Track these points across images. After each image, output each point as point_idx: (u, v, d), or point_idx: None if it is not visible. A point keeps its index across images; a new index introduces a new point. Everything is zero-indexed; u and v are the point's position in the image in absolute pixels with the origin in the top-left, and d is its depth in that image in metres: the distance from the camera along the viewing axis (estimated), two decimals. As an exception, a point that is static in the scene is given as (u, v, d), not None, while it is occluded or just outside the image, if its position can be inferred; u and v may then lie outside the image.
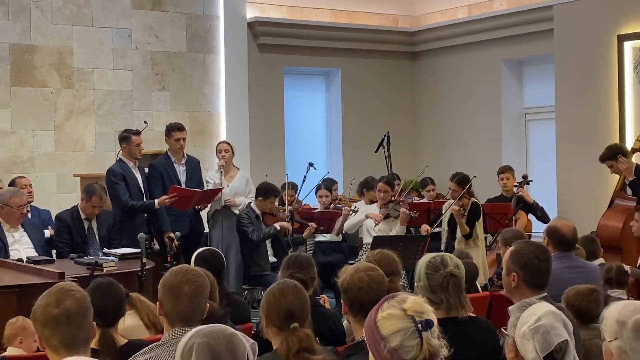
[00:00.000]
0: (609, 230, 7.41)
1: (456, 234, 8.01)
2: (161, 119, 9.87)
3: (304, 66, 11.90)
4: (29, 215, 7.74)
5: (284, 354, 3.19)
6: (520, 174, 9.16)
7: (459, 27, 11.72)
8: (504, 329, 3.06)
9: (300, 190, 9.03)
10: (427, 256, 3.79)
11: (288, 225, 8.21)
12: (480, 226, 7.99)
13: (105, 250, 7.17)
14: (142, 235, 6.11)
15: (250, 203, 8.39)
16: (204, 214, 8.57)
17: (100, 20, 10.16)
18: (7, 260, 6.66)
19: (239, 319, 4.73)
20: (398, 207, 8.20)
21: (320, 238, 8.87)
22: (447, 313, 3.61)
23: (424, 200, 9.53)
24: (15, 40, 9.68)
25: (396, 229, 8.14)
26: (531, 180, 9.09)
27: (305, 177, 8.95)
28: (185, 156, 8.27)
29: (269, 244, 8.43)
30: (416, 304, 2.43)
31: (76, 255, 6.86)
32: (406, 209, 8.14)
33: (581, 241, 5.79)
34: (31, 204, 8.13)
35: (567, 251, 5.14)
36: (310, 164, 9.00)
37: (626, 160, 7.57)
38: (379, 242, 7.05)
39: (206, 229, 8.64)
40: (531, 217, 9.07)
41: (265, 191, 8.35)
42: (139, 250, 6.11)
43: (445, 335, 2.44)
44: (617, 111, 9.40)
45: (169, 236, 7.59)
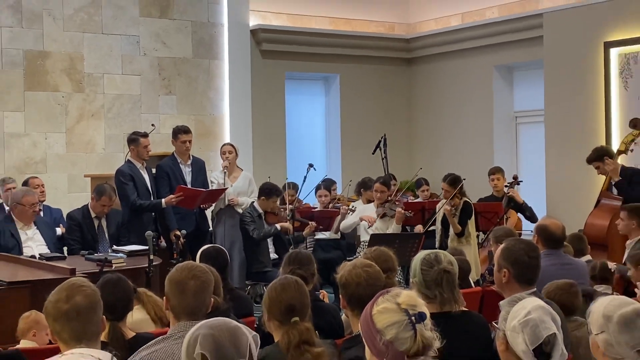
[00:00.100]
0: (595, 229, 7.41)
1: (449, 232, 8.01)
2: (168, 122, 9.87)
3: (305, 72, 11.90)
4: (41, 213, 7.74)
5: (285, 346, 3.19)
6: (511, 175, 9.15)
7: (453, 35, 11.72)
8: (495, 322, 3.06)
9: (300, 190, 9.04)
10: (422, 253, 3.79)
11: (289, 225, 8.20)
12: (472, 224, 7.98)
13: (115, 247, 7.17)
14: (150, 233, 6.11)
15: (253, 202, 8.39)
16: (208, 213, 8.57)
17: (110, 28, 10.16)
18: (21, 256, 6.67)
19: (242, 313, 4.72)
20: (394, 207, 8.19)
21: (319, 236, 8.87)
22: (441, 307, 3.61)
23: (419, 200, 9.53)
24: (28, 46, 9.68)
25: (392, 228, 8.14)
26: (521, 181, 9.09)
27: (305, 178, 8.94)
28: (191, 157, 8.26)
29: (271, 242, 8.42)
30: (410, 298, 2.43)
31: (86, 252, 6.86)
32: (401, 209, 8.13)
33: (569, 239, 5.79)
34: (43, 203, 8.13)
35: (556, 248, 5.14)
36: (310, 165, 9.00)
37: (612, 162, 7.57)
38: (376, 240, 7.05)
39: (211, 227, 8.64)
40: (521, 216, 9.07)
41: (267, 191, 8.34)
42: (146, 247, 6.11)
43: (438, 329, 2.44)
44: (604, 115, 9.40)
45: (175, 234, 7.61)
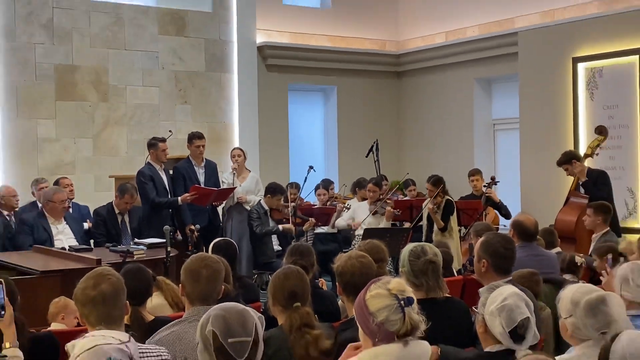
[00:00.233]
0: (565, 224, 7.41)
1: (434, 227, 8.01)
2: (183, 129, 9.86)
3: (305, 84, 11.89)
4: (70, 210, 7.75)
5: (287, 328, 3.20)
6: (489, 176, 9.15)
7: (437, 51, 11.73)
8: (475, 307, 3.06)
9: (301, 190, 9.04)
10: (410, 245, 3.80)
11: (291, 227, 8.20)
12: (454, 220, 7.98)
13: (136, 240, 7.17)
14: (167, 227, 6.10)
15: (260, 200, 8.40)
16: (219, 210, 8.57)
17: (132, 45, 10.16)
18: (52, 248, 6.67)
19: (250, 298, 4.72)
20: (384, 205, 8.22)
21: (318, 230, 8.88)
22: (427, 294, 3.62)
23: (407, 198, 9.54)
24: (59, 61, 9.68)
25: (383, 223, 8.15)
26: (498, 181, 9.09)
27: (306, 178, 8.94)
28: (204, 160, 8.27)
29: (275, 236, 8.44)
30: (399, 285, 2.43)
31: (111, 244, 6.86)
32: (391, 207, 8.15)
33: (541, 233, 5.79)
34: (72, 201, 8.13)
35: (530, 241, 5.13)
36: (311, 167, 8.99)
37: (579, 164, 7.58)
38: (369, 234, 7.06)
39: (221, 222, 8.64)
40: (498, 213, 9.07)
41: (272, 190, 8.36)
42: (164, 240, 6.11)
43: (424, 313, 2.44)
44: (572, 122, 9.41)
45: (190, 228, 7.60)
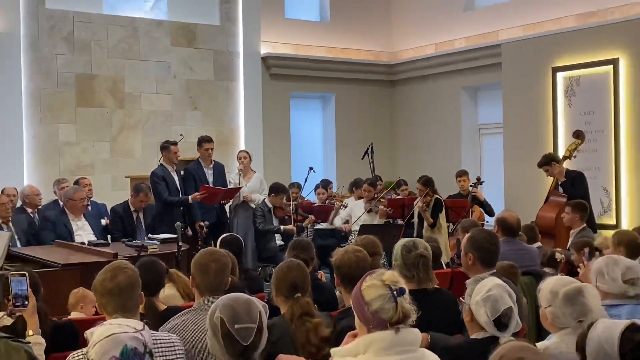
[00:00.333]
0: (545, 220, 7.40)
1: (424, 223, 8.02)
2: (194, 133, 9.85)
3: (306, 91, 11.90)
4: (89, 208, 7.74)
5: (289, 317, 3.20)
6: (475, 177, 9.16)
7: (428, 61, 11.73)
8: (462, 298, 3.06)
9: (302, 189, 9.04)
10: (402, 241, 3.80)
11: (292, 228, 8.19)
12: (443, 217, 7.98)
13: (150, 235, 7.16)
14: (179, 223, 6.09)
15: (264, 199, 8.40)
16: (227, 207, 8.57)
17: (146, 55, 10.17)
18: (72, 243, 6.67)
19: (254, 289, 4.73)
20: (378, 204, 8.23)
21: (318, 226, 8.88)
22: (418, 285, 3.62)
23: (400, 197, 9.53)
24: (79, 70, 9.69)
25: (377, 220, 8.17)
26: (483, 182, 9.09)
27: (306, 179, 8.94)
28: (212, 162, 8.26)
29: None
30: (392, 276, 2.43)
31: (127, 239, 6.85)
32: (383, 206, 8.17)
33: (523, 229, 5.78)
34: (91, 199, 8.12)
35: (512, 237, 5.13)
36: (311, 168, 8.99)
37: (558, 166, 7.59)
38: (365, 230, 7.06)
39: (228, 219, 8.64)
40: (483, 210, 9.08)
41: (276, 189, 8.35)
42: (176, 235, 6.09)
43: (416, 303, 2.44)
44: (552, 127, 9.41)
45: (200, 224, 7.60)
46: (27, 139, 9.36)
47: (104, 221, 7.88)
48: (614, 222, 8.69)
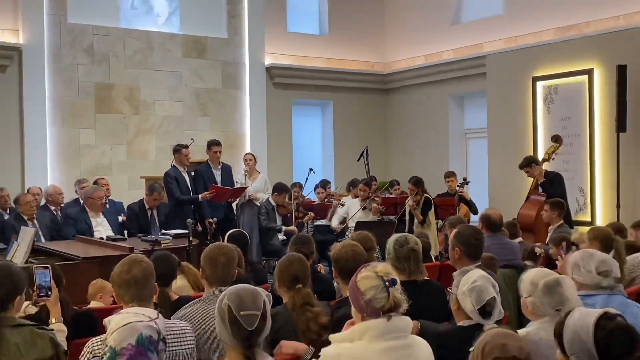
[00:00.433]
0: (526, 217, 7.40)
1: (415, 220, 8.01)
2: (203, 137, 9.86)
3: (307, 99, 11.89)
4: (107, 205, 7.74)
5: (291, 306, 3.20)
6: (461, 177, 9.16)
7: (418, 71, 11.73)
8: (449, 288, 3.07)
9: (303, 188, 9.04)
10: (395, 236, 3.79)
11: (294, 229, 8.18)
12: (432, 214, 7.96)
13: (163, 231, 7.17)
14: (190, 220, 6.08)
15: (268, 197, 8.40)
16: (234, 205, 8.57)
17: (160, 66, 10.17)
18: (92, 238, 6.68)
19: (259, 280, 4.72)
20: (372, 202, 8.24)
21: (318, 223, 8.88)
22: (409, 277, 3.61)
23: (393, 196, 9.54)
24: (98, 80, 9.69)
25: (370, 217, 8.17)
26: (469, 182, 9.09)
27: (307, 179, 8.95)
28: (220, 163, 8.26)
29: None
30: (385, 268, 2.44)
31: (142, 235, 6.86)
32: (377, 205, 8.17)
33: (506, 225, 5.78)
34: (109, 198, 8.12)
35: (496, 232, 5.13)
36: (311, 169, 9.00)
37: (538, 167, 7.58)
38: (360, 226, 7.06)
39: (235, 216, 8.64)
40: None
41: (279, 189, 8.36)
42: (187, 231, 6.10)
43: (407, 293, 2.44)
44: (532, 131, 9.42)
45: (209, 221, 7.62)
46: (51, 143, 9.36)
47: (121, 218, 7.88)
48: (589, 219, 8.70)
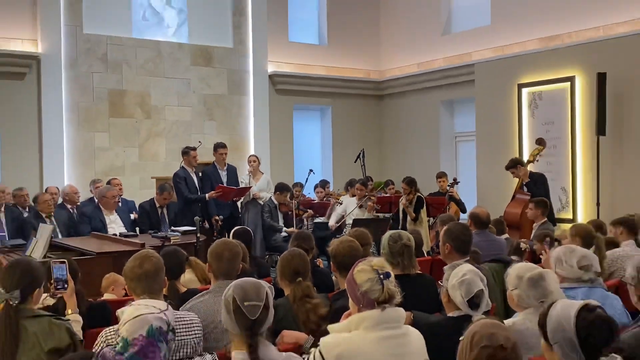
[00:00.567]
0: (512, 215, 7.40)
1: (408, 218, 8.01)
2: (210, 140, 9.86)
3: (307, 104, 11.90)
4: (120, 204, 7.75)
5: (292, 298, 3.20)
6: (452, 178, 9.16)
7: (411, 78, 11.74)
8: (440, 281, 3.06)
9: (304, 188, 9.04)
10: (389, 232, 3.79)
11: (294, 230, 8.18)
12: (424, 212, 7.97)
13: (172, 228, 7.16)
14: (197, 218, 6.07)
15: (271, 197, 8.39)
16: (239, 204, 8.57)
17: (170, 73, 10.16)
18: (106, 234, 6.68)
19: (262, 274, 4.72)
20: (368, 201, 8.24)
21: (317, 220, 8.88)
22: (403, 271, 3.61)
23: (387, 195, 9.54)
24: (112, 86, 9.69)
25: (366, 215, 8.17)
26: (459, 182, 9.10)
27: (307, 179, 8.95)
28: (226, 165, 8.25)
29: (283, 225, 8.43)
30: (380, 262, 2.44)
31: (153, 231, 6.87)
32: (372, 203, 8.18)
33: (493, 222, 5.77)
34: (121, 197, 8.13)
35: (483, 229, 5.12)
36: (311, 170, 8.99)
37: (523, 169, 7.58)
38: (357, 223, 7.06)
39: (240, 213, 8.64)
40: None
41: (281, 188, 8.37)
42: (195, 228, 6.10)
43: (400, 286, 2.44)
44: (517, 135, 9.42)
45: (215, 219, 7.61)
46: (67, 145, 9.35)
47: (133, 216, 7.88)
48: (571, 217, 8.70)
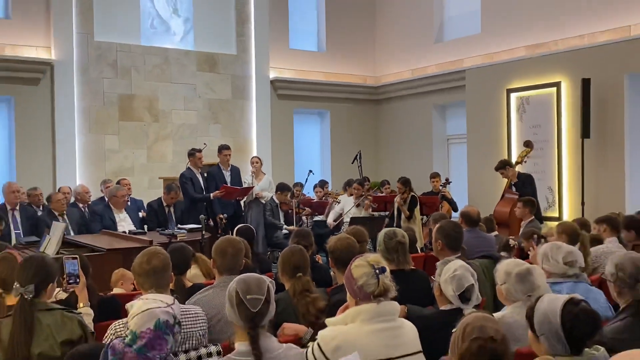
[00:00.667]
0: (501, 214, 7.41)
1: (402, 216, 8.01)
2: (215, 142, 9.84)
3: (306, 108, 11.89)
4: (129, 203, 7.74)
5: (292, 293, 3.19)
6: (444, 178, 9.16)
7: (406, 84, 11.74)
8: (433, 276, 3.07)
9: (304, 188, 9.03)
10: (385, 230, 3.80)
11: (294, 228, 8.17)
12: (417, 211, 7.96)
13: (179, 226, 7.16)
14: (202, 216, 6.08)
15: (272, 196, 8.39)
16: (242, 203, 8.56)
17: (176, 79, 10.16)
18: (116, 232, 6.67)
19: (264, 270, 4.71)
20: (365, 200, 8.25)
21: (316, 218, 8.88)
22: (397, 266, 3.61)
23: (383, 195, 9.54)
24: (121, 91, 9.68)
25: (363, 213, 8.17)
26: (451, 182, 9.10)
27: (307, 179, 8.95)
28: (230, 166, 8.25)
29: (284, 222, 8.43)
30: (376, 258, 2.44)
31: (160, 229, 6.87)
32: (369, 202, 8.19)
33: (483, 220, 5.78)
34: (130, 196, 8.12)
35: (474, 227, 5.12)
36: (310, 171, 8.99)
37: (512, 169, 7.59)
38: (354, 221, 7.06)
39: (243, 212, 8.63)
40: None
41: (282, 188, 8.37)
42: (200, 226, 6.10)
43: (395, 281, 2.44)
44: (506, 137, 9.43)
45: (219, 217, 7.61)
46: (79, 147, 9.35)
47: (141, 214, 7.87)
48: (557, 215, 8.71)
